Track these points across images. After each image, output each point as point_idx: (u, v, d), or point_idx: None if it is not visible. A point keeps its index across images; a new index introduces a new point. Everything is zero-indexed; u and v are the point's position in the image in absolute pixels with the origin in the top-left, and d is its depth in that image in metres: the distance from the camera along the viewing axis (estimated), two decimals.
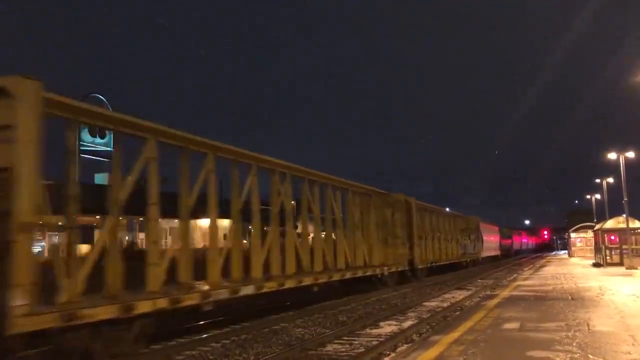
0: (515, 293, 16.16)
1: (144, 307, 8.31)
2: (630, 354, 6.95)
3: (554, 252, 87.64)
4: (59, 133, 8.10)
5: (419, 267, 24.49)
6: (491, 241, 49.36)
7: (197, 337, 10.89)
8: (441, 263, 30.24)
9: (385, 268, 20.41)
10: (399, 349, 9.05)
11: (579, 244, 50.33)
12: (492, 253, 50.06)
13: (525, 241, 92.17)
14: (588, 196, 55.98)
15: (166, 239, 22.15)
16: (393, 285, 21.07)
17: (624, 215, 29.13)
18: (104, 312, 7.61)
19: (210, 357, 9.40)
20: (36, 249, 8.66)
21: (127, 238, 31.50)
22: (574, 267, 31.73)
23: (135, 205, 9.27)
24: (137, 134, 9.44)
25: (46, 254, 19.17)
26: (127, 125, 9.21)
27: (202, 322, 12.31)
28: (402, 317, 14.09)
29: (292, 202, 15.03)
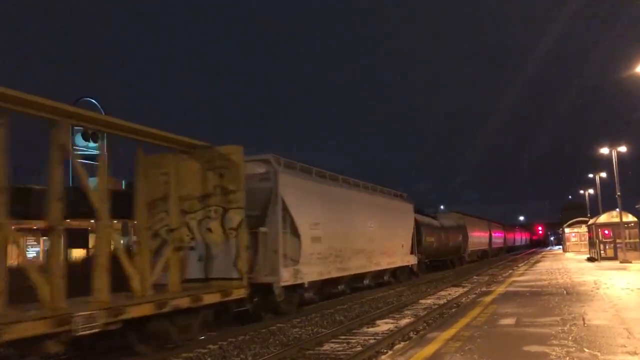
0: (510, 289, 16.22)
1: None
2: (625, 346, 7.00)
3: (548, 248, 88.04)
4: None
5: None
6: (368, 235, 19.43)
7: (194, 339, 10.85)
8: None
9: None
10: (396, 347, 9.08)
11: (573, 239, 50.58)
12: (367, 268, 19.28)
13: (499, 235, 59.96)
14: (582, 191, 56.28)
15: None
16: None
17: (617, 210, 29.30)
18: None
19: (208, 359, 9.40)
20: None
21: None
22: (569, 262, 31.88)
23: None
24: None
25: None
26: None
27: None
28: (398, 315, 14.13)
29: None
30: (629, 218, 29.13)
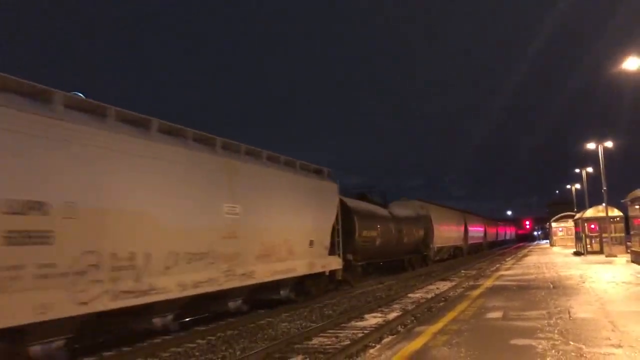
0: (498, 283, 16.35)
1: None
2: (609, 339, 7.09)
3: (535, 242, 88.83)
4: None
5: None
6: (225, 225, 11.00)
7: (183, 334, 10.83)
8: None
9: None
10: (384, 341, 9.11)
11: (560, 234, 51.10)
12: (220, 284, 10.54)
13: (478, 230, 51.80)
14: (568, 186, 56.74)
15: None
16: None
17: (604, 204, 29.60)
18: None
19: (196, 354, 9.37)
20: None
21: None
22: (556, 256, 32.20)
23: None
24: None
25: None
26: None
27: (187, 319, 12.25)
28: (387, 309, 14.18)
29: None
30: (615, 212, 29.43)
